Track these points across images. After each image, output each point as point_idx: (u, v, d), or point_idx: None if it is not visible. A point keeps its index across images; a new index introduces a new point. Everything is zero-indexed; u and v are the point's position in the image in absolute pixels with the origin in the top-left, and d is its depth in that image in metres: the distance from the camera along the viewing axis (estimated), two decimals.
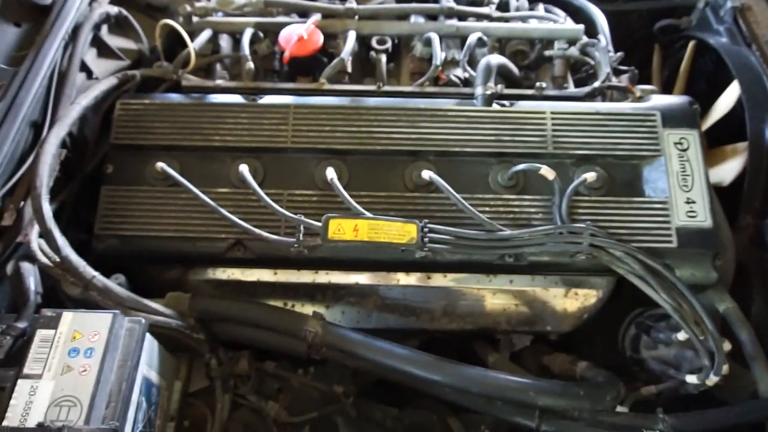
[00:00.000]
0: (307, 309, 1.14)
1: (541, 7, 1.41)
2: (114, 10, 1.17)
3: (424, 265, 1.05)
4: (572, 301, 1.15)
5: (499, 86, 1.11)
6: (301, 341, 0.97)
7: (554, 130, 1.08)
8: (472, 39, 1.19)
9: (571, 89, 1.22)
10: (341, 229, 0.95)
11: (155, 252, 1.03)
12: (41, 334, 0.80)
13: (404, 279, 1.12)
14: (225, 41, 1.28)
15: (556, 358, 1.19)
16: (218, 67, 1.25)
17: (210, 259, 1.05)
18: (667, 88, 1.60)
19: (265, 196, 0.97)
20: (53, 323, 0.81)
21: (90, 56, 1.12)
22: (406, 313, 1.16)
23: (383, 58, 1.25)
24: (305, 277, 1.11)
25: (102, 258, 1.04)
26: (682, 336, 0.99)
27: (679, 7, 1.59)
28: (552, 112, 1.09)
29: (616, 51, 1.29)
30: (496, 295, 1.14)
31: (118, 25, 1.20)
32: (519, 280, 1.12)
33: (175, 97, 1.11)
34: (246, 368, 1.05)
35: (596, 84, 1.18)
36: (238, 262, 1.05)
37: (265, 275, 1.10)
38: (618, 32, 1.41)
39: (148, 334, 0.87)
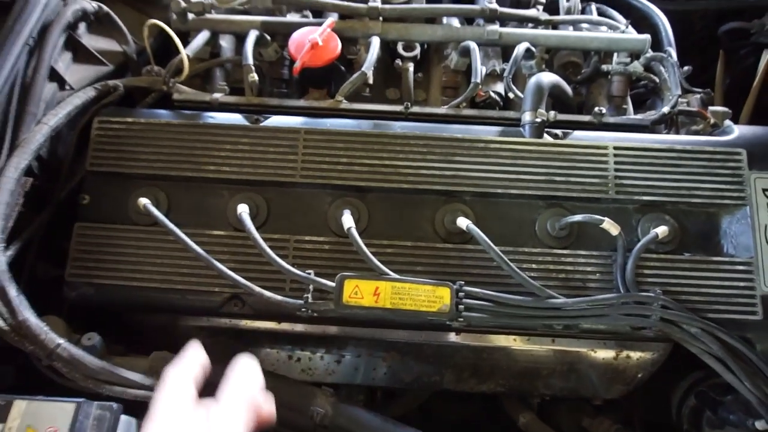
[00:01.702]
0: (315, 361, 0.99)
1: (593, 7, 1.20)
2: (93, 5, 0.98)
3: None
4: (623, 364, 0.99)
5: (552, 113, 0.92)
6: (308, 419, 0.82)
7: (617, 170, 0.89)
8: (519, 50, 0.99)
9: (634, 115, 1.03)
10: (359, 293, 0.78)
11: (137, 303, 0.87)
12: None
13: (427, 334, 0.96)
14: (226, 42, 1.09)
15: (600, 425, 1.04)
16: (218, 72, 1.07)
17: (202, 313, 0.90)
18: (729, 100, 1.40)
19: (267, 249, 0.80)
20: (1, 415, 0.66)
21: (63, 62, 0.93)
22: (428, 372, 1.00)
23: (410, 67, 1.06)
24: (313, 328, 0.95)
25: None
26: (761, 426, 0.83)
27: (750, 7, 1.38)
28: (615, 148, 0.90)
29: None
30: (534, 355, 0.98)
31: (99, 23, 1.01)
32: (562, 339, 0.96)
33: (163, 115, 0.93)
34: None
35: (665, 109, 0.99)
36: (236, 315, 0.90)
37: (267, 324, 0.94)
38: (674, 33, 1.20)
39: (123, 417, 0.72)
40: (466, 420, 1.20)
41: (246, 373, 0.63)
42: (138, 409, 0.76)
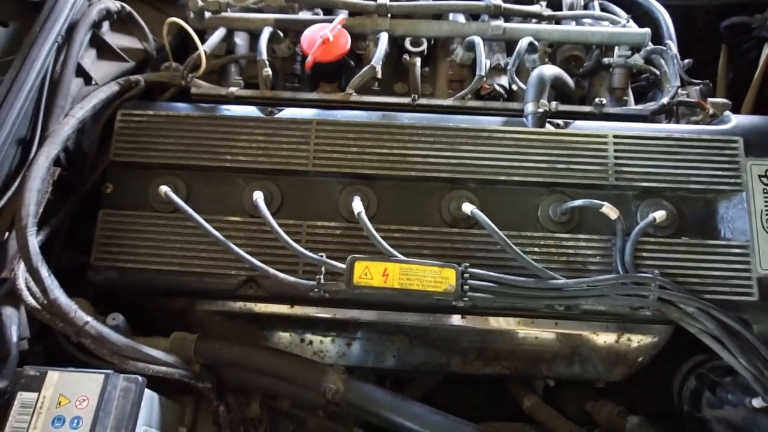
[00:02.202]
0: (326, 344, 1.03)
1: (596, 3, 1.23)
2: (116, 5, 1.03)
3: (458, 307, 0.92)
4: (624, 347, 1.02)
5: (554, 103, 0.96)
6: (320, 395, 0.86)
7: (617, 158, 0.93)
8: (522, 44, 1.03)
9: (634, 106, 1.06)
10: (368, 274, 0.82)
11: (157, 286, 0.91)
12: (22, 398, 0.69)
13: (435, 317, 0.99)
14: (241, 39, 1.14)
15: (602, 407, 1.06)
16: (233, 68, 1.11)
17: (219, 295, 0.94)
18: (731, 94, 1.42)
19: (282, 233, 0.85)
20: (36, 385, 0.70)
21: (88, 59, 0.98)
22: (435, 354, 1.04)
23: (418, 62, 1.10)
24: (325, 312, 0.99)
25: (99, 289, 0.93)
26: (758, 403, 0.86)
27: (751, 3, 1.41)
28: (615, 136, 0.93)
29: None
30: (537, 338, 1.02)
31: (121, 22, 1.07)
32: (565, 323, 0.99)
33: (182, 108, 0.98)
34: (257, 411, 0.95)
35: (664, 100, 1.02)
36: (251, 298, 0.94)
37: (280, 308, 0.99)
38: (677, 28, 1.23)
39: (147, 390, 0.76)
40: (471, 407, 1.23)
41: None
42: (160, 384, 0.81)
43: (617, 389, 1.10)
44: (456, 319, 0.99)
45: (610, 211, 0.85)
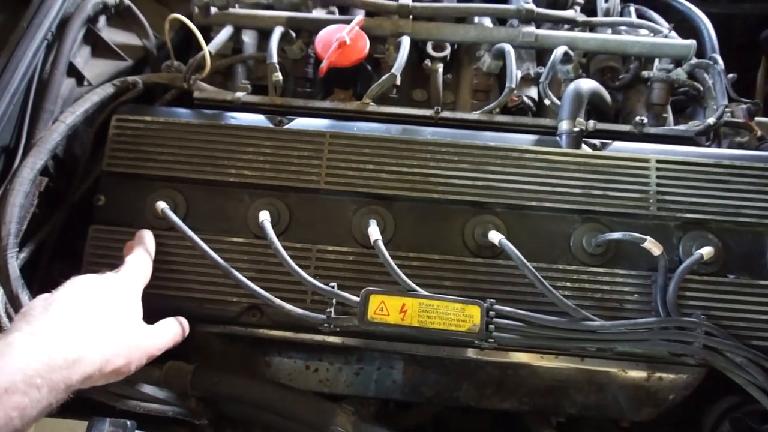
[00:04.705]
0: (333, 372, 0.96)
1: (632, 9, 1.14)
2: None
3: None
4: (655, 387, 0.94)
5: (591, 122, 0.87)
6: None
7: (659, 185, 0.84)
8: (557, 54, 0.94)
9: (676, 125, 0.97)
10: (384, 309, 0.74)
11: (151, 310, 0.84)
12: None
13: (451, 349, 0.92)
14: (249, 37, 1.05)
15: None
16: (240, 69, 1.03)
17: (219, 322, 0.86)
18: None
19: (289, 260, 0.77)
20: None
21: (81, 57, 0.90)
22: (450, 387, 0.96)
23: (440, 69, 1.01)
24: (333, 338, 0.92)
25: None
26: None
27: None
28: (658, 161, 0.85)
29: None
30: (561, 374, 0.94)
31: (119, 17, 0.98)
32: (591, 359, 0.92)
33: (183, 114, 0.90)
34: None
35: (710, 120, 0.93)
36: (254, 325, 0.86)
37: (285, 333, 0.91)
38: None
39: None
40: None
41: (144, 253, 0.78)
42: (152, 423, 0.74)
43: (642, 426, 1.03)
44: (474, 351, 0.92)
45: (653, 246, 0.77)
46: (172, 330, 0.75)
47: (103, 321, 0.62)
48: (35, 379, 0.51)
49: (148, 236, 0.80)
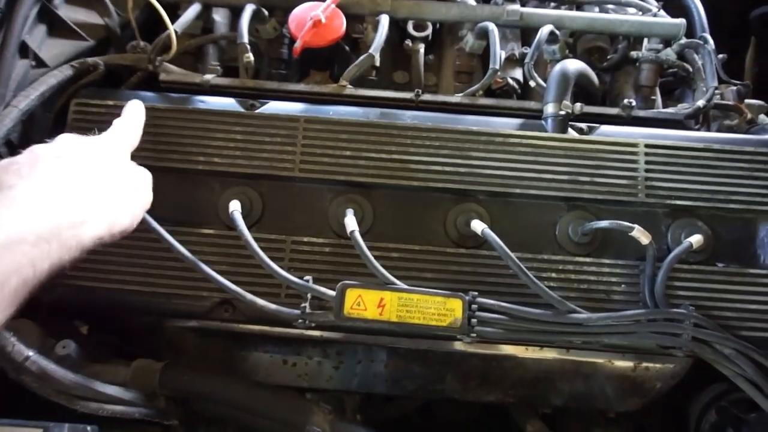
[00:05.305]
0: (312, 367, 0.92)
1: None
2: None
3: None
4: (641, 377, 0.92)
5: (578, 105, 0.84)
6: None
7: (648, 170, 0.81)
8: (543, 33, 0.90)
9: (665, 108, 0.94)
10: (362, 304, 0.71)
11: (118, 307, 0.80)
12: None
13: (433, 341, 0.89)
14: (220, 15, 1.00)
15: None
16: (211, 50, 0.97)
17: (189, 317, 0.82)
18: (757, 92, 1.31)
19: (261, 253, 0.73)
20: None
21: (36, 37, 0.84)
22: (432, 379, 0.94)
23: (421, 49, 0.97)
24: (311, 331, 0.88)
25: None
26: None
27: None
28: (647, 146, 0.82)
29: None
30: (547, 365, 0.91)
31: None
32: (577, 350, 0.89)
33: (148, 98, 0.84)
34: None
35: (700, 103, 0.90)
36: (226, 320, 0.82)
37: (261, 326, 0.87)
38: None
39: None
40: (468, 423, 1.14)
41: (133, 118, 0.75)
42: (118, 426, 0.70)
43: (628, 416, 1.01)
44: (457, 343, 0.89)
45: (641, 235, 0.74)
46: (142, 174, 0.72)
47: (100, 183, 0.62)
48: (44, 233, 0.51)
49: (137, 104, 0.77)
